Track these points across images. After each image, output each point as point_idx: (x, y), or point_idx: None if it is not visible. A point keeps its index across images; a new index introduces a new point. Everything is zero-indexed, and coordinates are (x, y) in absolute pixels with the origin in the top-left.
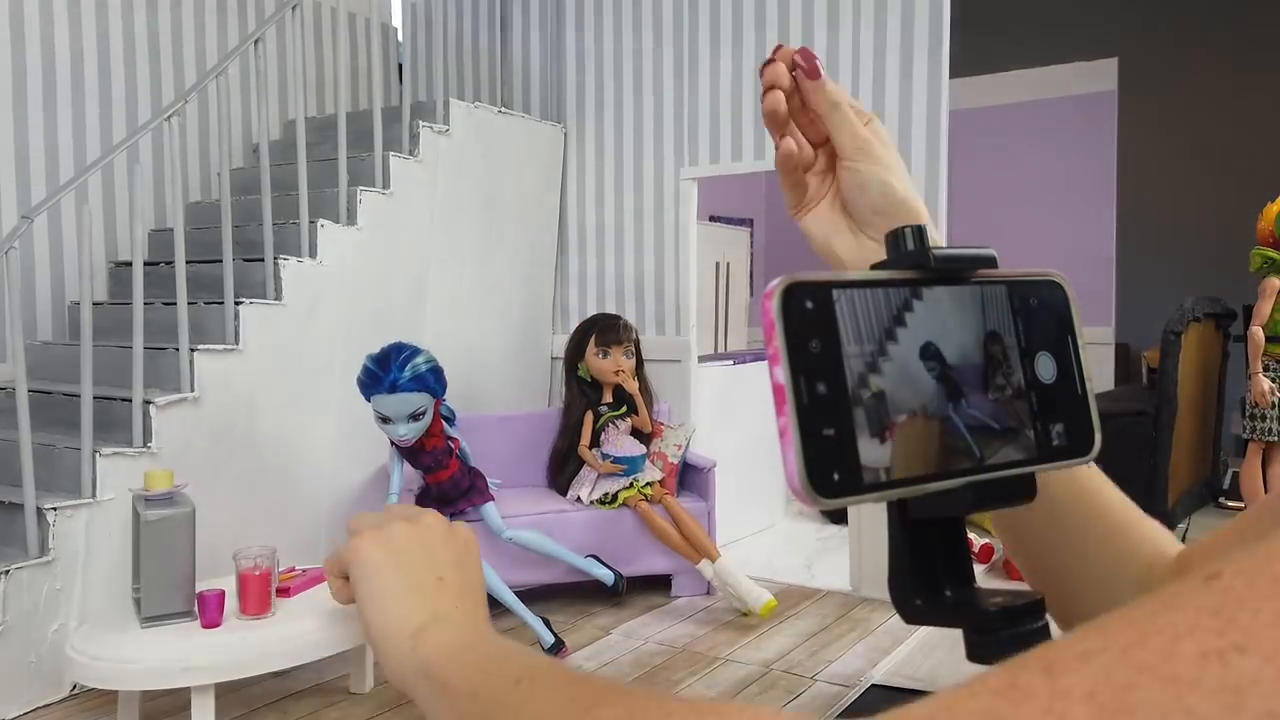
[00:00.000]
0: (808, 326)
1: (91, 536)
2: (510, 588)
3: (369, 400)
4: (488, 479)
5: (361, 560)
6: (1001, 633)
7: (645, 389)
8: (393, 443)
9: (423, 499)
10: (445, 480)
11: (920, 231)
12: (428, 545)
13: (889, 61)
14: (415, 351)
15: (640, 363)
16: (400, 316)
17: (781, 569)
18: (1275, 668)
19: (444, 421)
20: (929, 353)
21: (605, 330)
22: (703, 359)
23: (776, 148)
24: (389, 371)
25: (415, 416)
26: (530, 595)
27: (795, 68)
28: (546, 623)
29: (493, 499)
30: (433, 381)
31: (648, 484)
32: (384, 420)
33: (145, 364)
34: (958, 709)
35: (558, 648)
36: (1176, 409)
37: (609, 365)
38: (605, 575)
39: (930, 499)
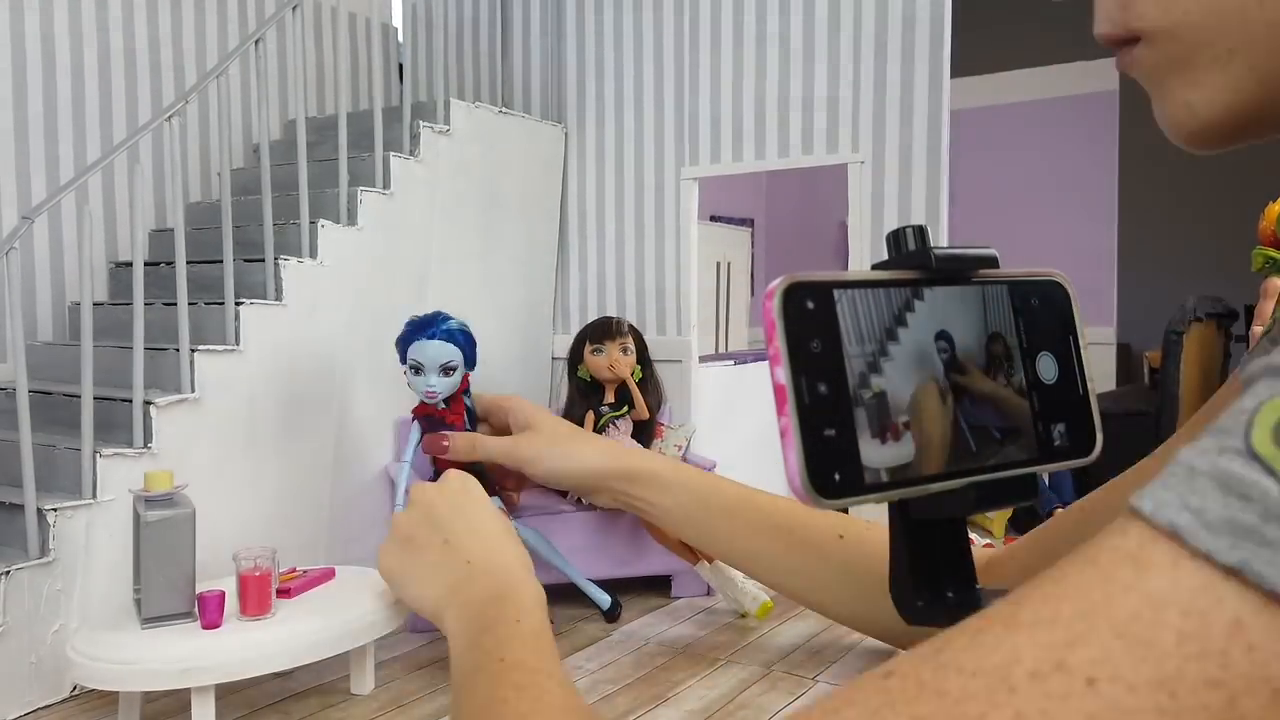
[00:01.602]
0: (809, 326)
1: (92, 537)
2: None
3: (407, 350)
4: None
5: (383, 575)
6: None
7: (652, 388)
8: (414, 414)
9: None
10: (454, 469)
11: (921, 231)
12: (428, 517)
13: (890, 61)
14: (453, 317)
15: (648, 362)
16: (401, 317)
17: None
18: None
19: (465, 406)
20: (940, 343)
21: (598, 328)
22: (703, 359)
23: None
24: (432, 323)
25: (447, 370)
26: None
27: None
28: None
29: (497, 494)
30: (466, 343)
31: None
32: (416, 371)
33: (146, 364)
34: None
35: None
36: (1178, 409)
37: (603, 362)
38: (602, 599)
39: (931, 499)
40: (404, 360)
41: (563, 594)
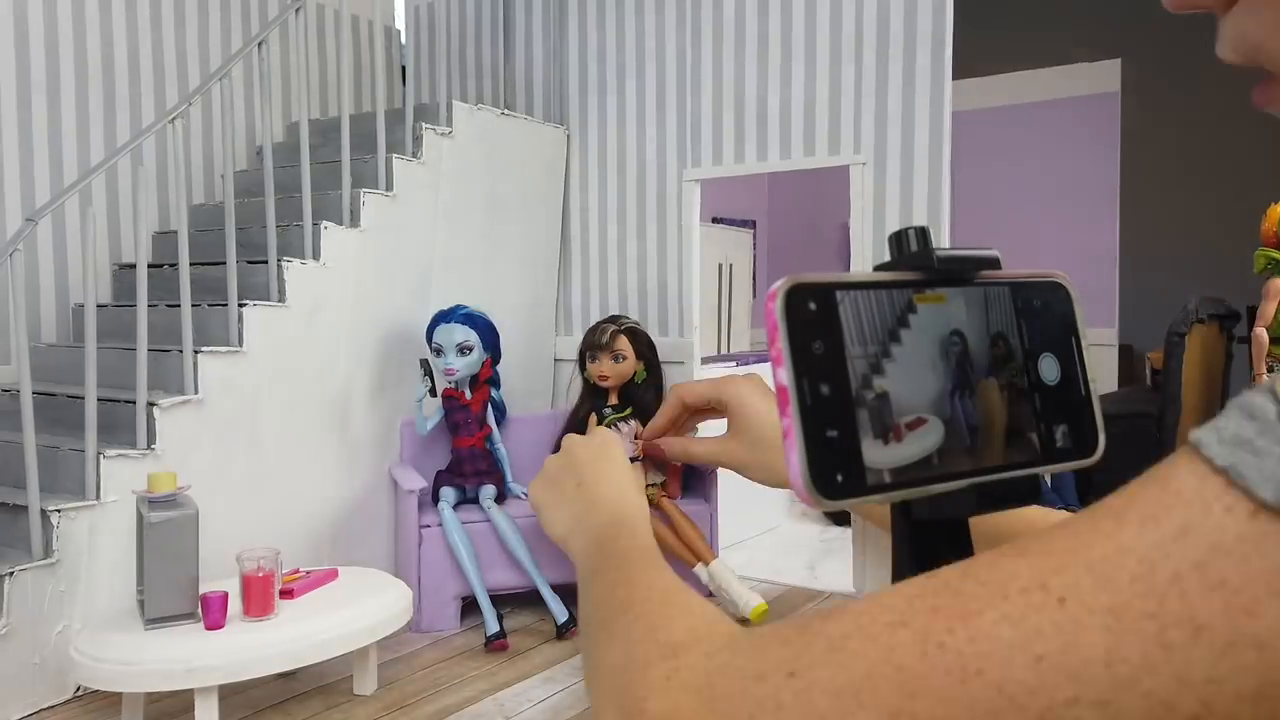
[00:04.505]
0: (811, 328)
1: (95, 538)
2: (509, 588)
3: (432, 337)
4: (516, 489)
5: (531, 504)
6: None
7: (656, 388)
8: (443, 395)
9: (441, 472)
10: (464, 448)
11: (924, 232)
12: (569, 462)
13: (892, 63)
14: (472, 308)
15: (655, 364)
16: (403, 318)
17: (784, 571)
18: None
19: (490, 396)
20: (942, 344)
21: (593, 336)
22: (706, 360)
23: None
24: (452, 311)
25: (463, 350)
26: (528, 596)
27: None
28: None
29: (494, 488)
30: (483, 327)
31: (648, 486)
32: (438, 353)
33: (149, 366)
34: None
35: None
36: (1180, 410)
37: (594, 370)
38: (558, 612)
39: (933, 500)
40: (430, 347)
41: (564, 595)
